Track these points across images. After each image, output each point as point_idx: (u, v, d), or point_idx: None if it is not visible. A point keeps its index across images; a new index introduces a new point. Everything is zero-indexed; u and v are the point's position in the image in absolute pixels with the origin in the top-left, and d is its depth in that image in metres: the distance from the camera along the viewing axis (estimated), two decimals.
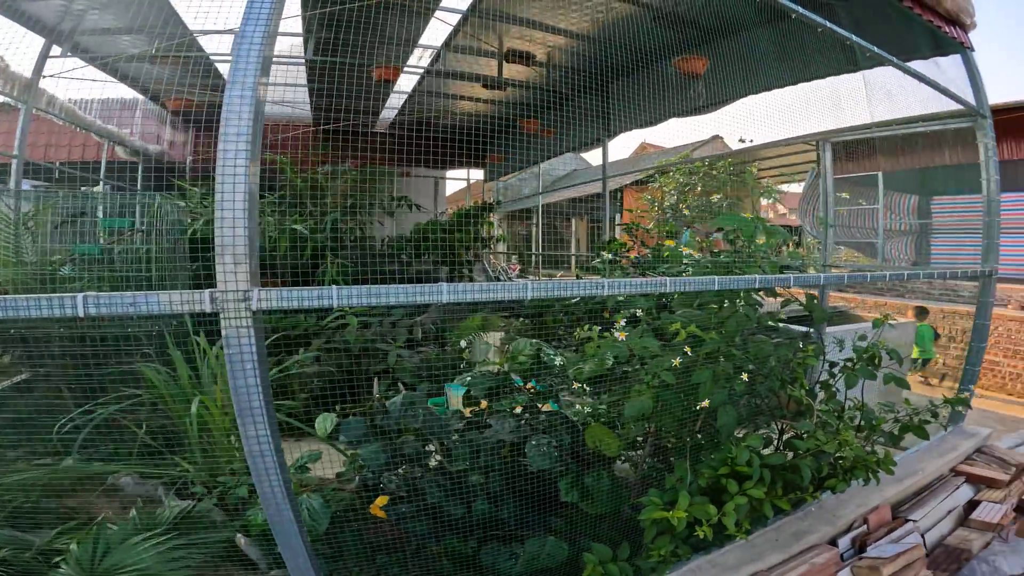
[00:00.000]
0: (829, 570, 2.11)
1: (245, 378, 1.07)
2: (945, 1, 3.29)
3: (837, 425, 2.33)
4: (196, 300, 1.03)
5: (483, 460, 1.91)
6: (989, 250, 3.53)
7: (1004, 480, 3.11)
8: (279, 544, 1.22)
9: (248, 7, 1.07)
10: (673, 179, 12.15)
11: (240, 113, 1.02)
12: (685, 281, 1.91)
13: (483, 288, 1.38)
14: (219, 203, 1.02)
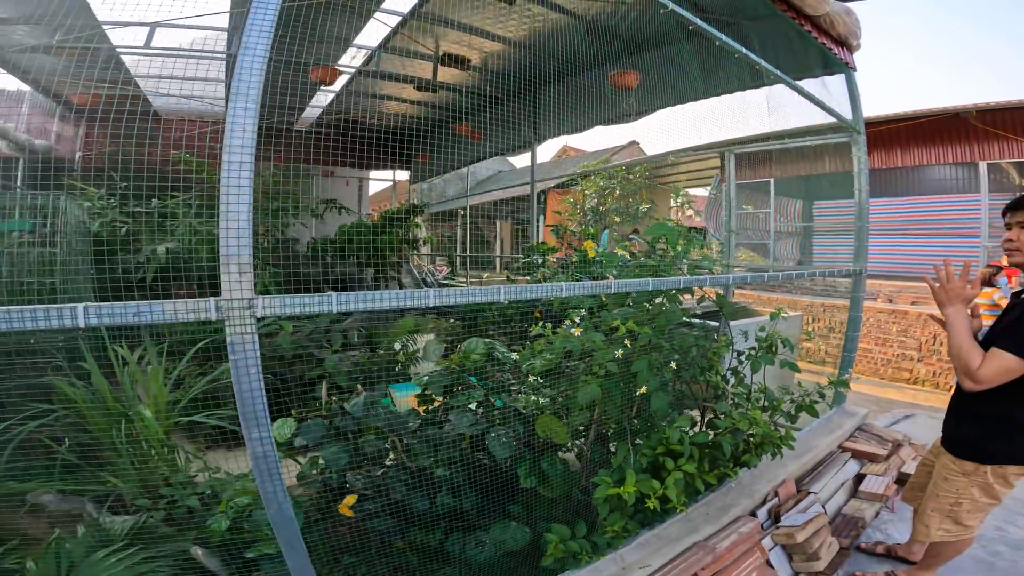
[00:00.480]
0: (753, 538, 2.40)
1: (250, 382, 1.11)
2: (838, 25, 3.61)
3: (747, 406, 2.65)
4: (202, 308, 1.06)
5: (444, 454, 2.01)
6: (859, 251, 4.00)
7: (883, 455, 3.55)
8: (280, 541, 1.25)
9: (251, 18, 1.10)
10: (594, 183, 12.70)
11: (244, 126, 1.06)
12: (626, 283, 2.12)
13: (464, 292, 1.49)
14: (224, 215, 1.05)
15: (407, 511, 1.91)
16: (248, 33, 1.08)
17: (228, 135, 1.05)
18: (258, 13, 1.10)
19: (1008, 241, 2.00)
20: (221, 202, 1.05)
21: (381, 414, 2.04)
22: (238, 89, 1.06)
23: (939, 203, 9.97)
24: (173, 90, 5.46)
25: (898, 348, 7.13)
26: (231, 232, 1.05)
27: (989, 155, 8.73)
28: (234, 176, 1.05)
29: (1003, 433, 1.96)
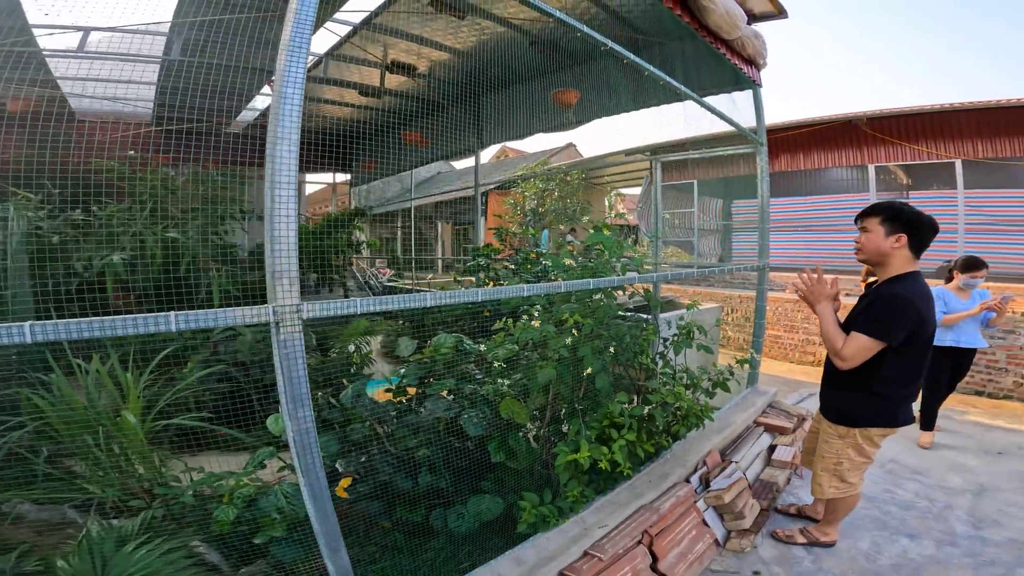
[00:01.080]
0: (689, 500, 2.77)
1: (298, 371, 1.34)
2: (748, 47, 4.00)
3: (673, 384, 3.06)
4: (261, 314, 1.28)
5: (423, 437, 2.26)
6: (762, 249, 4.48)
7: (790, 428, 4.00)
8: (315, 510, 1.44)
9: (287, 71, 1.27)
10: (534, 184, 13.08)
11: (289, 166, 1.28)
12: (572, 284, 2.43)
13: (453, 295, 1.76)
14: (276, 239, 1.27)
15: (392, 492, 2.13)
16: (285, 84, 1.28)
17: (276, 174, 1.27)
18: (292, 66, 1.30)
19: (856, 242, 2.43)
20: (272, 230, 1.27)
21: (367, 404, 2.26)
22: (281, 135, 1.27)
23: (836, 202, 11.11)
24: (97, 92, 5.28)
25: (803, 334, 7.92)
26: (282, 252, 1.29)
27: (877, 158, 9.82)
28: (283, 208, 1.28)
29: (864, 401, 2.39)
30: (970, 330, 4.11)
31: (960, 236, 8.79)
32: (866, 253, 2.38)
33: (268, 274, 1.30)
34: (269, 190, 1.27)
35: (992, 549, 2.71)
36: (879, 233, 2.31)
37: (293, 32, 1.31)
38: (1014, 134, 8.37)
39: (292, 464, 2.14)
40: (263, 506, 1.78)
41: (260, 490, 1.92)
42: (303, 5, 1.32)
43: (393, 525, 2.17)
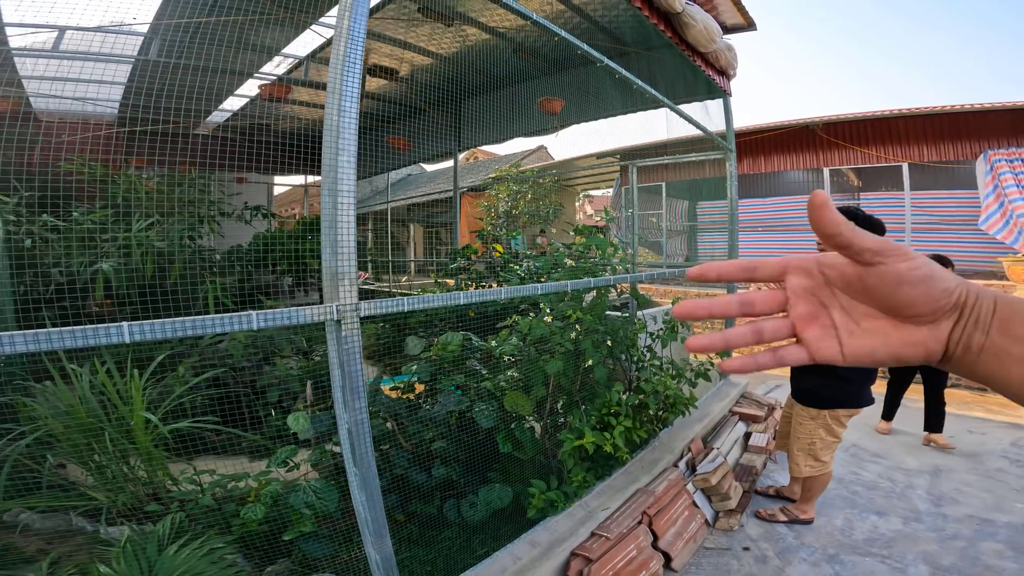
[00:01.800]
0: (680, 483, 2.96)
1: (356, 364, 1.43)
2: (721, 59, 4.25)
3: (662, 374, 3.26)
4: (327, 312, 1.37)
5: (436, 431, 2.35)
6: (732, 248, 4.75)
7: (762, 416, 4.26)
8: (365, 497, 1.51)
9: (345, 85, 1.35)
10: (507, 187, 13.19)
11: (349, 176, 1.37)
12: (577, 283, 2.59)
13: (481, 294, 1.89)
14: (339, 243, 1.37)
15: (408, 485, 2.22)
16: (344, 98, 1.37)
17: (338, 183, 1.35)
18: (348, 81, 1.38)
19: (818, 244, 2.69)
20: (337, 237, 1.36)
21: (384, 400, 2.34)
22: (342, 146, 1.35)
23: (794, 203, 11.66)
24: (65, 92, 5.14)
25: None
26: (343, 256, 1.38)
27: (831, 162, 10.36)
28: (346, 214, 1.37)
29: (831, 384, 2.67)
30: None
31: (907, 235, 9.37)
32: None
33: (327, 276, 1.39)
34: (331, 198, 1.36)
35: (953, 524, 2.97)
36: None
37: (348, 49, 1.39)
38: (955, 139, 9.00)
39: (303, 461, 2.23)
40: (293, 503, 1.83)
41: (287, 487, 1.97)
42: (355, 24, 1.40)
43: (407, 518, 2.25)
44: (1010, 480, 3.56)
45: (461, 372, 2.60)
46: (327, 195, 1.35)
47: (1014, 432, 4.57)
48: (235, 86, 5.56)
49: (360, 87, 1.40)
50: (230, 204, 5.64)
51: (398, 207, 14.59)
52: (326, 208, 1.36)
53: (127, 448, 2.46)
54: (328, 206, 1.35)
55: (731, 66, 4.45)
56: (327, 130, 1.37)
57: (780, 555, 2.69)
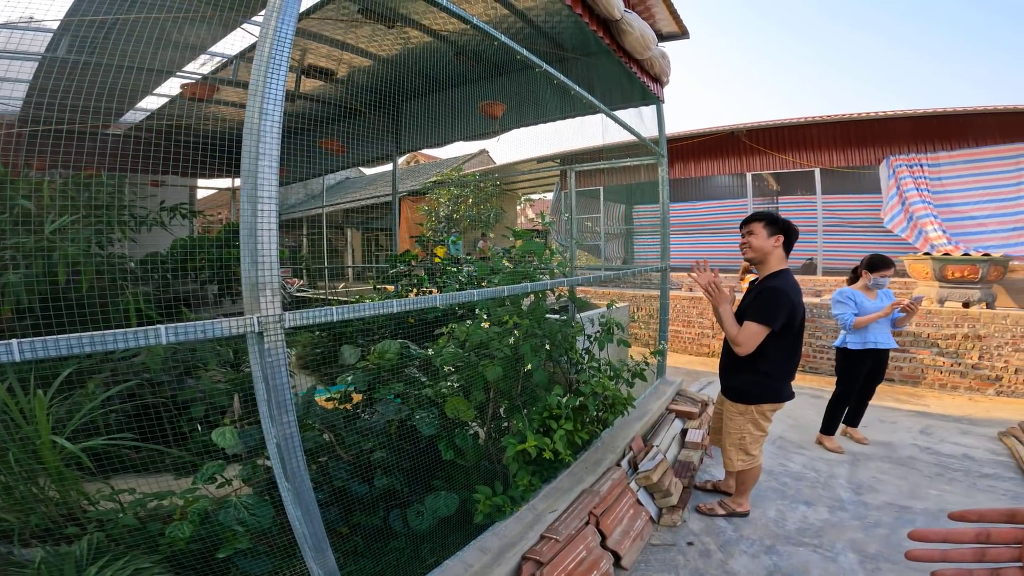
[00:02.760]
0: (623, 482, 3.02)
1: (281, 378, 1.37)
2: (655, 66, 4.35)
3: (600, 376, 3.32)
4: (246, 324, 1.30)
5: (375, 440, 2.28)
6: (664, 251, 4.91)
7: (696, 413, 4.42)
8: (301, 512, 1.44)
9: (268, 88, 1.27)
10: (448, 191, 13.08)
11: (271, 181, 1.30)
12: (514, 288, 2.57)
13: (415, 301, 1.83)
14: (260, 253, 1.30)
15: (348, 497, 2.15)
16: (267, 100, 1.29)
17: (259, 189, 1.29)
18: (272, 83, 1.31)
19: (741, 245, 2.87)
20: (258, 242, 1.29)
21: (318, 412, 2.25)
22: (262, 151, 1.29)
23: (720, 206, 12.28)
24: None
25: (698, 328, 8.68)
26: (265, 265, 1.31)
27: (753, 167, 11.00)
28: (267, 221, 1.31)
29: (756, 381, 2.82)
30: (884, 330, 4.05)
31: (819, 236, 10.10)
32: (754, 251, 2.81)
33: (247, 286, 1.33)
34: (251, 204, 1.29)
35: (874, 512, 3.17)
36: (763, 235, 2.77)
37: (274, 50, 1.33)
38: (862, 145, 9.79)
39: (234, 477, 2.11)
40: (223, 519, 1.73)
41: (214, 505, 1.86)
42: (283, 24, 1.35)
43: (351, 530, 2.18)
44: (921, 467, 3.85)
45: (400, 380, 2.55)
46: (246, 202, 1.30)
47: (921, 420, 4.98)
48: (154, 85, 5.22)
49: (284, 89, 1.34)
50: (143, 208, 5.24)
51: (335, 212, 14.17)
52: (245, 216, 1.30)
53: (34, 468, 2.25)
54: (247, 213, 1.30)
55: (665, 73, 4.59)
56: (247, 133, 1.31)
57: (722, 548, 2.80)
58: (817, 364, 7.16)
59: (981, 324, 6.10)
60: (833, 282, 9.03)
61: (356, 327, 4.80)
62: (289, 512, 1.47)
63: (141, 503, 2.04)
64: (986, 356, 6.08)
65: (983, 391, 6.08)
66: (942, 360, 6.34)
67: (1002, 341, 5.98)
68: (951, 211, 8.73)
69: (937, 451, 4.16)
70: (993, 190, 8.51)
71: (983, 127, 8.74)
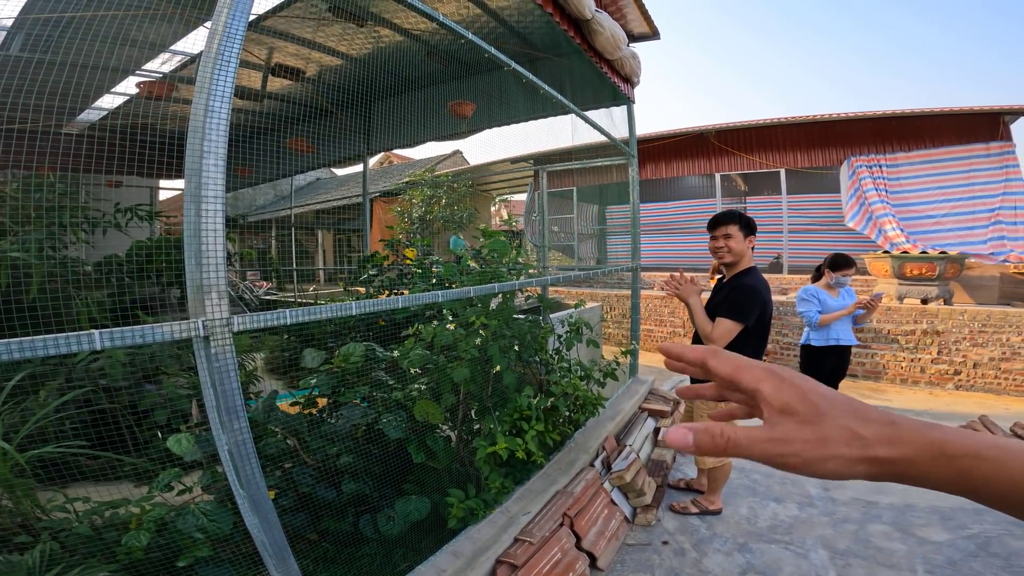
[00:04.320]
0: (597, 482, 3.02)
1: (231, 383, 1.32)
2: (626, 66, 4.37)
3: (570, 376, 3.31)
4: (192, 328, 1.24)
5: (342, 445, 2.23)
6: (634, 251, 4.94)
7: (668, 411, 4.44)
8: (259, 519, 1.40)
9: (215, 84, 1.23)
10: (421, 192, 12.96)
11: (216, 180, 1.25)
12: (480, 288, 2.55)
13: (377, 303, 1.80)
14: (204, 255, 1.24)
15: (316, 503, 2.09)
16: (213, 97, 1.25)
17: (203, 188, 1.24)
18: (220, 79, 1.26)
19: (716, 249, 2.83)
20: (201, 246, 1.24)
21: (280, 417, 2.19)
22: (208, 148, 1.24)
23: (691, 206, 12.50)
24: None
25: (670, 327, 8.82)
26: (211, 267, 1.26)
27: (722, 168, 11.22)
28: (212, 221, 1.26)
29: None
30: (846, 328, 4.15)
31: (784, 235, 10.35)
32: (734, 255, 2.78)
33: (192, 289, 1.28)
34: (194, 204, 1.25)
35: (842, 508, 3.23)
36: (739, 237, 2.77)
37: (223, 47, 1.29)
38: (824, 146, 10.08)
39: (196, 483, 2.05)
40: (183, 527, 1.67)
41: (172, 512, 1.80)
42: (233, 19, 1.31)
43: (321, 536, 2.13)
44: None
45: (366, 383, 2.50)
46: (190, 201, 1.25)
47: None
48: (111, 84, 5.03)
49: (233, 87, 1.30)
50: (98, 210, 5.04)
51: (305, 213, 13.90)
52: (189, 216, 1.26)
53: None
54: (191, 213, 1.25)
55: (635, 73, 4.61)
56: (192, 131, 1.27)
57: (696, 547, 2.82)
58: (785, 361, 7.35)
59: (939, 320, 6.34)
60: (798, 280, 9.27)
61: (327, 329, 4.71)
62: (247, 520, 1.43)
63: (96, 511, 1.96)
64: (945, 351, 6.32)
65: (943, 385, 6.32)
66: (903, 355, 6.56)
67: (960, 336, 6.23)
68: (909, 210, 9.05)
69: None
70: (948, 189, 8.86)
71: (938, 129, 9.10)
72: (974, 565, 2.60)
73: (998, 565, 2.59)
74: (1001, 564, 2.60)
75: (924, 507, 3.22)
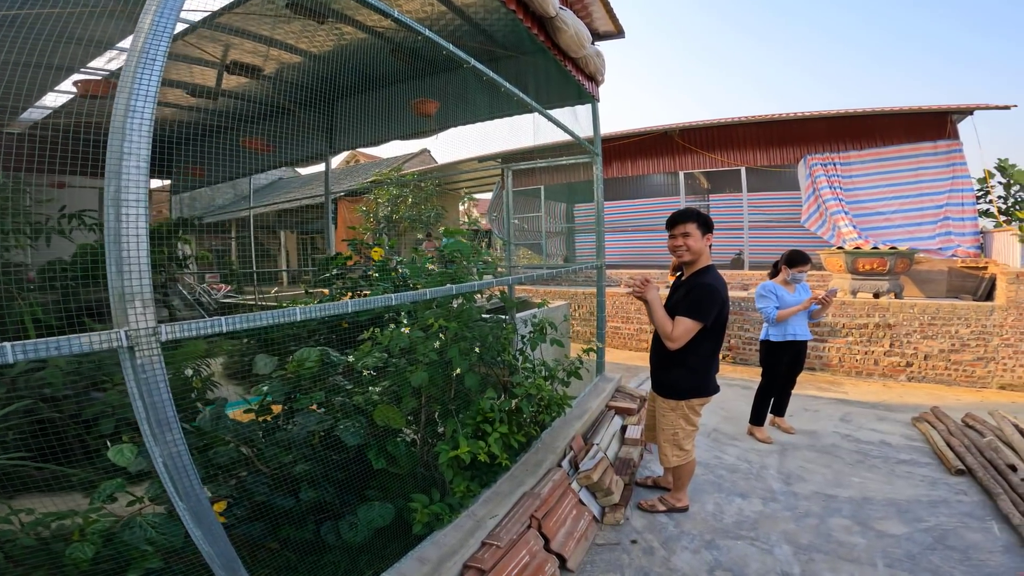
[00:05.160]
0: (564, 483, 3.02)
1: (160, 395, 1.27)
2: (590, 65, 4.38)
3: (534, 377, 3.31)
4: (113, 339, 1.18)
5: (298, 452, 2.18)
6: (599, 249, 4.97)
7: (635, 409, 4.49)
8: (202, 532, 1.35)
9: (137, 84, 1.18)
10: (387, 191, 12.75)
11: (139, 182, 1.20)
12: (437, 290, 2.49)
13: (323, 308, 1.75)
14: (126, 261, 1.19)
15: (275, 512, 2.04)
16: (135, 97, 1.19)
17: (123, 190, 1.19)
18: (144, 78, 1.21)
19: (674, 248, 2.85)
20: (122, 251, 1.19)
21: (229, 425, 2.13)
22: (130, 150, 1.19)
23: (656, 204, 12.69)
24: None
25: (637, 324, 8.91)
26: (134, 273, 1.21)
27: (686, 166, 11.40)
28: (133, 226, 1.21)
29: (685, 376, 2.87)
30: (802, 323, 4.25)
31: (745, 232, 10.61)
32: (693, 253, 2.80)
33: (115, 296, 1.23)
34: (114, 208, 1.20)
35: (804, 502, 3.30)
36: (697, 235, 2.79)
37: (148, 43, 1.24)
38: (783, 144, 10.36)
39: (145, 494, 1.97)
40: (130, 539, 1.61)
41: (118, 524, 1.74)
42: (162, 17, 1.26)
43: (282, 545, 2.06)
44: (843, 455, 4.06)
45: (322, 389, 2.44)
46: (110, 205, 1.20)
47: (841, 407, 5.29)
48: (56, 82, 4.79)
49: (158, 86, 1.26)
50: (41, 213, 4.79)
51: (267, 213, 13.52)
52: (109, 220, 1.20)
53: None
54: (111, 218, 1.20)
55: (599, 72, 4.63)
56: (112, 132, 1.22)
57: (664, 545, 2.84)
58: (747, 356, 7.52)
59: (891, 313, 6.59)
60: (759, 276, 9.51)
61: (289, 333, 4.58)
62: (191, 532, 1.39)
63: (42, 522, 1.87)
64: (896, 344, 6.58)
65: (895, 377, 6.58)
66: (857, 348, 6.80)
67: (911, 329, 6.49)
68: (861, 207, 9.38)
69: (857, 438, 4.41)
70: (898, 187, 9.22)
71: (889, 128, 9.46)
72: (932, 559, 2.65)
73: (956, 559, 2.64)
74: (959, 557, 2.65)
75: (881, 500, 3.32)
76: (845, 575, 2.55)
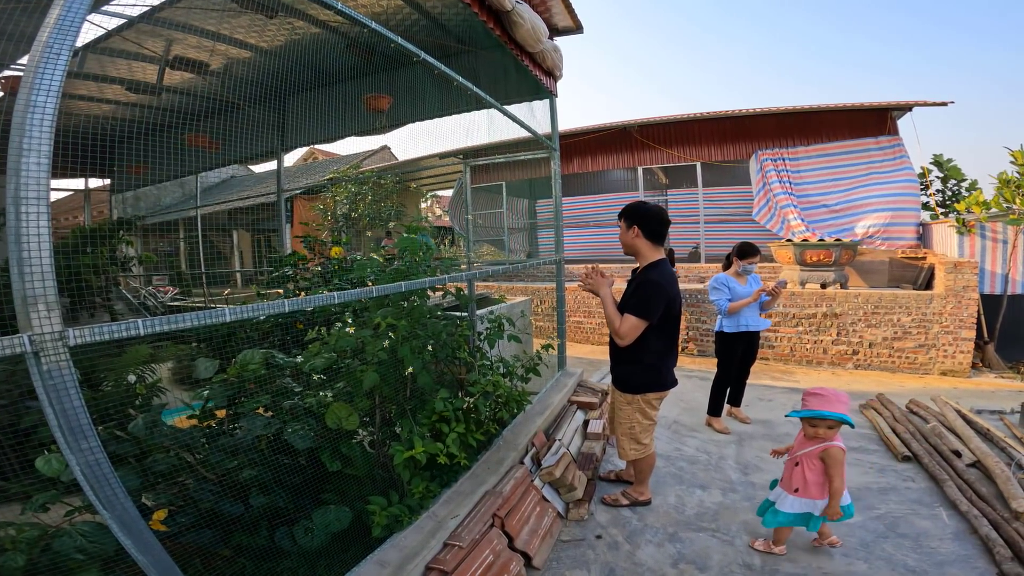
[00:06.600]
0: (527, 480, 3.00)
1: (71, 402, 1.22)
2: (547, 60, 4.33)
3: (491, 374, 3.29)
4: (16, 344, 1.13)
5: (244, 458, 2.11)
6: (558, 244, 4.96)
7: (596, 403, 4.49)
8: (132, 540, 1.31)
9: (39, 78, 1.14)
10: (345, 188, 12.47)
11: (39, 179, 1.15)
12: (383, 288, 2.42)
13: (256, 308, 1.67)
14: (27, 261, 1.14)
15: (224, 519, 1.97)
16: (37, 92, 1.14)
17: (23, 190, 1.13)
18: (47, 73, 1.17)
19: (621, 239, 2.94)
20: (22, 251, 1.14)
21: (167, 432, 2.05)
22: (30, 145, 1.14)
23: (614, 199, 12.87)
24: None
25: (599, 319, 9.00)
26: (36, 275, 1.16)
27: (644, 162, 11.59)
28: (34, 225, 1.16)
29: (639, 371, 2.90)
30: (754, 314, 4.33)
31: (701, 226, 10.89)
32: (625, 247, 2.93)
33: (18, 300, 1.17)
34: (14, 207, 1.14)
35: (761, 492, 3.32)
36: (623, 228, 2.89)
37: (53, 37, 1.19)
38: (736, 140, 10.65)
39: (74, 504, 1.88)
40: (61, 548, 1.56)
41: (49, 533, 1.67)
42: (69, 12, 1.21)
43: (236, 552, 2.00)
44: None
45: (269, 392, 2.38)
46: (10, 204, 1.15)
47: (794, 396, 5.41)
48: None
49: (62, 82, 1.21)
50: None
51: (218, 212, 13.02)
52: (10, 220, 1.15)
53: None
54: (11, 217, 1.15)
55: (557, 67, 4.61)
56: (13, 128, 1.16)
57: (629, 539, 2.86)
58: (705, 347, 7.72)
59: (837, 303, 6.88)
60: (715, 269, 9.75)
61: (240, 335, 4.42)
62: (121, 541, 1.34)
63: None
64: (843, 332, 6.87)
65: (843, 365, 6.87)
66: (807, 338, 7.07)
67: (856, 318, 6.78)
68: (808, 200, 9.75)
69: None
70: (843, 181, 9.62)
71: (834, 123, 9.86)
72: (886, 547, 2.73)
73: (908, 546, 2.73)
74: (911, 545, 2.74)
75: None
76: (804, 565, 2.61)
